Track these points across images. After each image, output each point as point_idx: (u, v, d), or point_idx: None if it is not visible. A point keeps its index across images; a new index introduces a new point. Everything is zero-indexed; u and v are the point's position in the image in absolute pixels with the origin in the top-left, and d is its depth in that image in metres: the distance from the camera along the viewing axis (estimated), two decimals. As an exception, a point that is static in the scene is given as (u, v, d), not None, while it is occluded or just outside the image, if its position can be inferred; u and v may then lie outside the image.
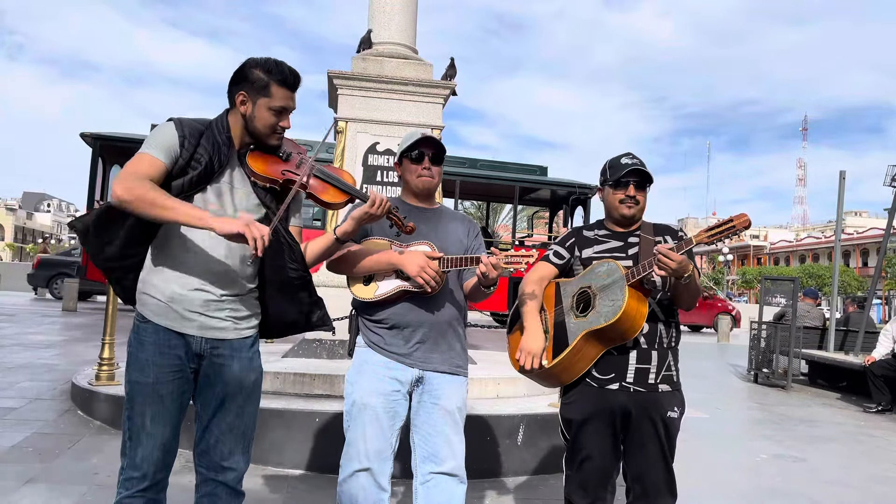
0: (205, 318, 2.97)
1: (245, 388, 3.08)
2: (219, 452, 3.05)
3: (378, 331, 3.53)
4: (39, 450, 5.79)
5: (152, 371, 2.93)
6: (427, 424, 3.49)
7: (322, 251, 3.34)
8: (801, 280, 17.33)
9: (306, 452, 5.73)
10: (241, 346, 3.07)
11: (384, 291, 3.45)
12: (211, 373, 3.02)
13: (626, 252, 3.53)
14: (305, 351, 7.46)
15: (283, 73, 2.99)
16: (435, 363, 3.52)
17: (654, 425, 3.41)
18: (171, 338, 2.94)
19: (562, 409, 3.59)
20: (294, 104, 3.04)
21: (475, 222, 3.85)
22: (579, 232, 3.72)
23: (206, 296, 2.96)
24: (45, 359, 10.18)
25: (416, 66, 8.03)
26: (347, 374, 3.59)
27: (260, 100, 2.97)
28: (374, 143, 7.79)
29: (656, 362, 3.44)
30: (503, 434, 5.98)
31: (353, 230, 3.28)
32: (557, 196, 24.73)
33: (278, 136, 3.05)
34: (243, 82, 2.99)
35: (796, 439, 8.63)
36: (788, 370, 13.29)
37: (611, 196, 3.56)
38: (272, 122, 3.00)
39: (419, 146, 3.60)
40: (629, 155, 3.56)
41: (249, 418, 3.12)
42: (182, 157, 2.88)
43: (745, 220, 3.12)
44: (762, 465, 7.22)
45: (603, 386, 3.43)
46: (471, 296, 3.66)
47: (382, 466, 3.41)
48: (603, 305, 3.32)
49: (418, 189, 3.65)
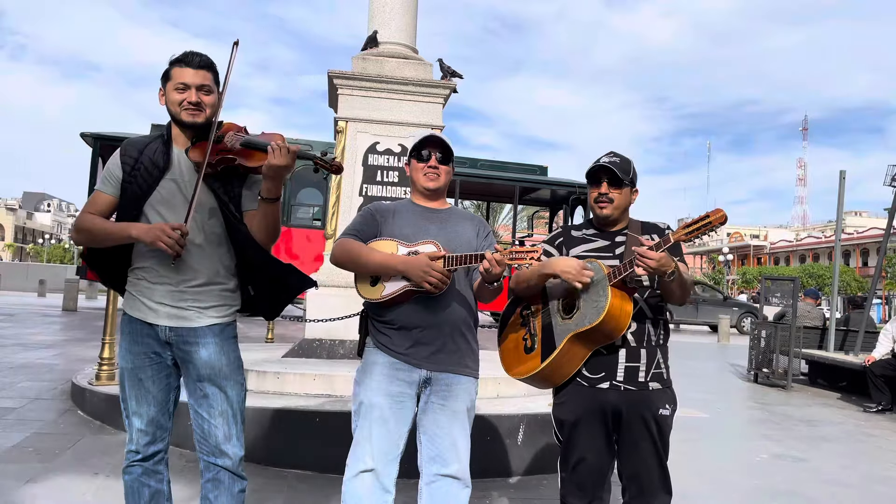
0: (168, 308, 3.21)
1: (220, 374, 3.26)
2: (213, 437, 3.26)
3: (386, 331, 3.50)
4: (39, 450, 5.79)
5: (130, 358, 3.28)
6: (434, 425, 3.47)
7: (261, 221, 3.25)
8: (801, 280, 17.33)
9: (306, 452, 5.72)
10: (207, 333, 3.25)
11: (391, 291, 3.41)
12: (182, 360, 3.28)
13: (612, 251, 3.52)
14: (305, 351, 7.47)
15: (180, 54, 3.26)
16: (443, 364, 3.49)
17: (647, 423, 3.41)
18: (142, 327, 3.25)
19: (554, 409, 3.59)
20: (199, 80, 3.23)
21: (485, 222, 3.82)
22: (567, 231, 3.72)
23: (167, 287, 3.21)
24: (45, 359, 10.19)
25: (415, 66, 8.04)
26: (356, 375, 3.57)
27: (167, 85, 3.27)
28: (374, 143, 7.79)
29: (646, 360, 3.44)
30: (503, 434, 5.98)
31: (272, 185, 3.16)
32: (557, 196, 24.72)
33: (190, 113, 3.23)
34: (161, 81, 3.31)
35: (796, 439, 8.62)
36: (788, 370, 13.29)
37: (589, 195, 3.59)
38: (177, 98, 3.22)
39: (426, 145, 3.60)
40: (610, 153, 3.55)
41: (235, 403, 3.31)
42: (129, 174, 3.23)
43: (721, 215, 3.12)
44: (762, 464, 7.21)
45: (593, 385, 3.43)
46: (479, 294, 3.62)
47: (388, 468, 3.40)
48: (587, 307, 3.31)
49: (423, 188, 3.63)
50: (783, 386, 13.31)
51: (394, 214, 3.62)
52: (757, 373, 14.14)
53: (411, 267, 3.32)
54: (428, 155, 3.60)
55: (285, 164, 3.06)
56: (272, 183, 3.14)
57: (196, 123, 3.23)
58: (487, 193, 26.41)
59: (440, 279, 3.29)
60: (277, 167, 3.07)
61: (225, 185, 3.25)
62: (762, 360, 14.06)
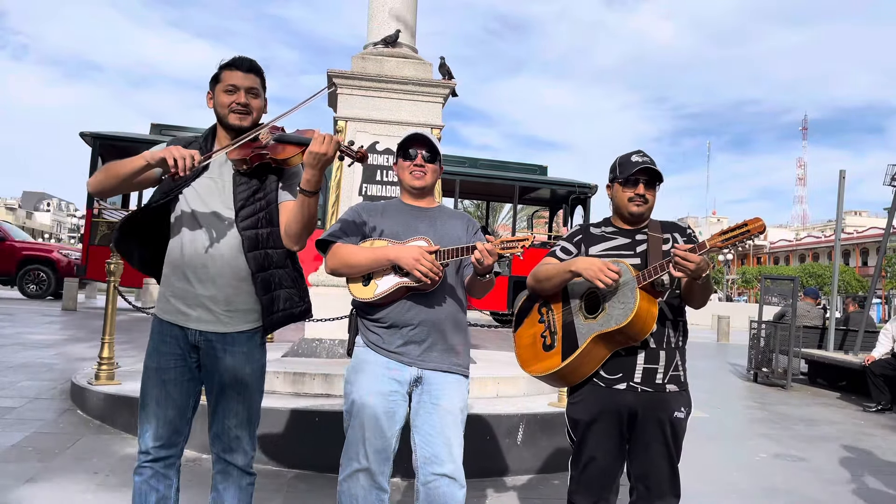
0: (200, 312, 3.23)
1: (241, 380, 3.28)
2: (226, 437, 3.30)
3: (377, 330, 3.51)
4: (39, 449, 5.79)
5: (156, 357, 3.29)
6: (427, 425, 3.46)
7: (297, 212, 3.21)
8: (800, 279, 17.33)
9: (306, 452, 5.73)
10: (236, 340, 3.27)
11: (383, 290, 3.43)
12: (207, 363, 3.29)
13: (633, 249, 3.51)
14: (305, 350, 7.48)
15: (231, 58, 3.35)
16: (434, 362, 3.49)
17: (661, 425, 3.40)
18: (171, 329, 3.28)
19: (568, 409, 3.57)
20: (248, 83, 3.30)
21: (474, 220, 3.83)
22: (586, 229, 3.70)
23: (196, 290, 3.24)
24: (45, 358, 10.18)
25: (415, 66, 8.03)
26: (346, 374, 3.57)
27: (216, 87, 3.34)
28: (374, 143, 7.79)
29: (664, 362, 3.42)
30: (503, 433, 5.98)
31: (312, 176, 3.10)
32: (557, 195, 24.75)
33: (238, 115, 3.29)
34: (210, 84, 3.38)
35: (796, 438, 8.63)
36: (788, 369, 13.30)
37: (620, 193, 3.55)
38: (226, 100, 3.29)
39: (412, 144, 3.63)
40: (640, 153, 3.53)
41: (252, 408, 3.35)
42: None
43: (760, 224, 3.07)
44: (762, 464, 7.23)
45: (610, 386, 3.41)
46: (471, 290, 3.62)
47: (382, 467, 3.40)
48: (613, 308, 3.29)
49: (410, 187, 3.66)
50: (783, 385, 13.32)
51: (382, 213, 3.64)
52: (756, 372, 14.15)
53: (402, 254, 3.35)
54: (414, 153, 3.63)
55: (326, 151, 3.04)
56: (313, 173, 3.09)
57: (242, 127, 3.28)
58: (487, 193, 26.42)
59: (431, 268, 3.31)
60: (319, 154, 3.04)
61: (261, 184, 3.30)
62: (762, 359, 14.06)
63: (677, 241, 3.52)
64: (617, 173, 3.55)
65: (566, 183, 23.67)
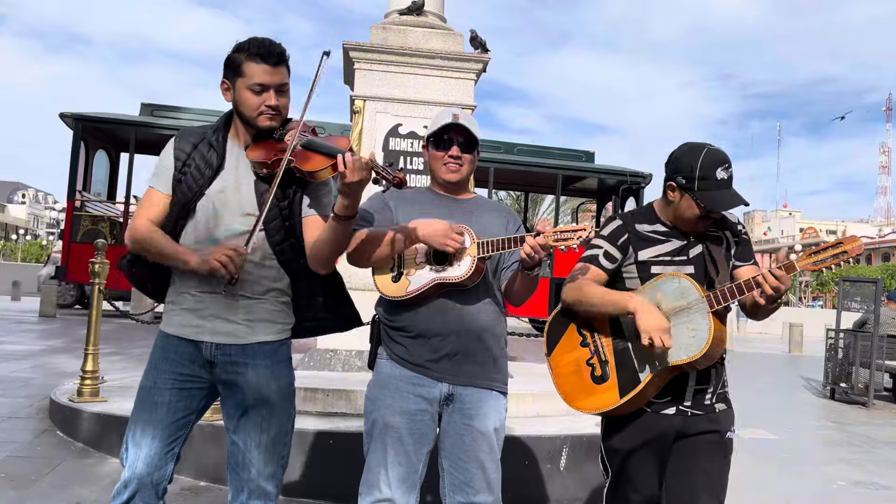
0: (216, 323, 3.17)
1: (266, 402, 3.21)
2: (246, 471, 3.23)
3: (401, 340, 3.44)
4: (13, 476, 5.82)
5: (152, 374, 3.22)
6: (458, 448, 3.41)
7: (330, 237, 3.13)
8: (884, 281, 17.20)
9: (319, 478, 5.72)
10: (258, 353, 3.21)
11: (417, 287, 3.36)
12: (226, 382, 3.21)
13: (687, 255, 3.39)
14: (318, 363, 7.47)
15: (255, 45, 3.16)
16: (467, 377, 3.42)
17: (713, 447, 3.37)
18: (179, 345, 3.22)
19: (604, 435, 3.52)
20: (277, 79, 3.18)
21: (515, 213, 3.76)
22: (632, 226, 3.47)
23: (215, 298, 3.16)
24: (20, 371, 10.25)
25: (444, 37, 8.00)
26: (367, 391, 3.53)
27: (238, 81, 3.19)
28: (396, 125, 7.76)
29: (714, 381, 3.39)
30: (544, 458, 5.97)
31: (350, 203, 3.01)
32: (606, 185, 24.66)
33: (268, 117, 3.19)
34: (225, 69, 3.23)
35: (878, 464, 8.55)
36: (870, 385, 13.18)
37: (689, 207, 3.32)
38: (254, 102, 3.17)
39: (447, 131, 3.53)
40: (726, 166, 3.27)
41: (277, 436, 3.26)
42: (179, 171, 3.25)
43: (858, 244, 3.01)
44: (839, 493, 7.16)
45: (658, 411, 3.36)
46: (510, 294, 3.56)
47: (406, 497, 3.37)
48: (681, 334, 3.18)
49: (444, 181, 3.59)
50: (864, 403, 13.22)
51: (411, 203, 3.56)
52: (834, 388, 14.05)
53: (429, 231, 3.28)
54: (449, 142, 3.53)
55: (360, 179, 2.95)
56: (350, 200, 3.00)
57: (274, 128, 3.21)
58: (525, 183, 26.39)
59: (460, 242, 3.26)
60: (353, 184, 2.94)
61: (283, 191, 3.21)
62: (840, 373, 13.95)
63: (728, 240, 3.46)
64: (695, 186, 3.27)
65: (616, 171, 23.58)
